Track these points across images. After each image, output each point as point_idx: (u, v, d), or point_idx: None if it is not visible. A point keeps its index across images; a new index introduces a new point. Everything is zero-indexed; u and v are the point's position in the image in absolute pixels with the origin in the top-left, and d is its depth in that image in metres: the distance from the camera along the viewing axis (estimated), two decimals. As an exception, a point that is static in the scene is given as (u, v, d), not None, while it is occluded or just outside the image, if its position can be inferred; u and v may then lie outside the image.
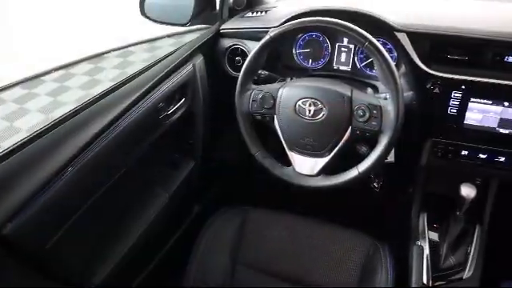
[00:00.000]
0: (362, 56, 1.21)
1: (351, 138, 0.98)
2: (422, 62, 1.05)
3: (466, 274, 1.15)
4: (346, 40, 1.21)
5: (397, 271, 1.10)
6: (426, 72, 1.05)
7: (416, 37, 1.05)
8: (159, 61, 1.15)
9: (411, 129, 1.12)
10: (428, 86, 1.05)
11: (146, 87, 1.04)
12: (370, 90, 1.04)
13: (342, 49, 1.24)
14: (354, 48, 1.21)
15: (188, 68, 1.18)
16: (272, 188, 1.28)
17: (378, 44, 0.92)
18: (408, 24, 1.07)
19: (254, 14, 1.34)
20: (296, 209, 1.29)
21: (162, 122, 1.11)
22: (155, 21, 1.34)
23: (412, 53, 1.06)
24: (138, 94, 1.01)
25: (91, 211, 0.92)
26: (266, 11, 1.33)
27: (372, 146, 0.99)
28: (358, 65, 1.22)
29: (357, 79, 1.21)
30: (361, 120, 0.95)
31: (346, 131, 0.97)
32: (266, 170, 1.07)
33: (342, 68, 1.25)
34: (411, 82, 1.08)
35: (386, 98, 0.94)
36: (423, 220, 1.25)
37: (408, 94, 1.03)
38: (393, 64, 0.91)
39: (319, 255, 1.18)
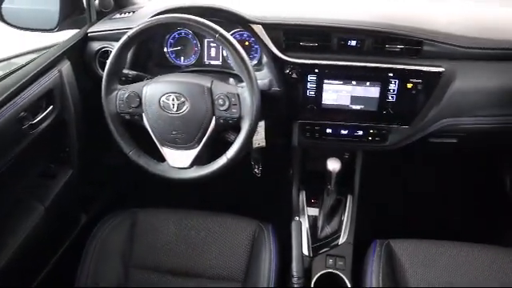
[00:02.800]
0: None
1: (217, 127, 1.02)
2: (279, 51, 1.13)
3: (341, 239, 1.27)
4: None
5: (279, 248, 1.17)
6: (282, 59, 1.13)
7: (271, 28, 1.13)
8: (19, 68, 1.10)
9: (279, 113, 1.21)
10: (286, 72, 1.13)
11: (4, 96, 0.99)
12: (231, 80, 1.09)
13: (211, 44, 1.28)
14: None
15: (53, 74, 1.15)
16: (162, 186, 1.29)
17: (228, 35, 0.97)
18: (262, 16, 1.14)
19: (122, 15, 1.33)
20: (187, 204, 1.31)
21: (28, 132, 1.06)
22: (17, 27, 1.27)
23: (269, 42, 1.13)
24: None
25: None
26: (133, 12, 1.33)
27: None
28: (227, 58, 1.27)
29: (227, 72, 1.26)
30: (222, 109, 1.00)
31: (211, 121, 1.02)
32: (142, 168, 1.08)
33: (213, 62, 1.30)
34: (273, 70, 1.16)
35: (243, 86, 1.00)
36: (302, 197, 1.35)
37: (264, 81, 1.09)
38: (243, 53, 0.97)
39: (209, 245, 1.21)
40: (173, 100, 1.01)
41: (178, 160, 1.06)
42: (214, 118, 1.01)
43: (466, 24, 1.17)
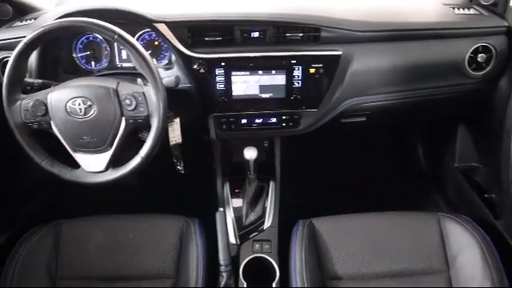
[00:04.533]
0: None
1: (128, 127, 1.03)
2: (185, 47, 1.15)
3: (266, 224, 1.32)
4: None
5: (207, 240, 1.20)
6: (189, 55, 1.15)
7: (174, 26, 1.14)
8: None
9: (194, 108, 1.23)
10: (194, 68, 1.16)
11: None
12: (139, 80, 1.09)
13: (121, 47, 1.27)
14: None
15: None
16: (90, 194, 1.27)
17: (127, 35, 0.98)
18: (165, 15, 1.15)
19: (23, 22, 1.29)
20: (116, 209, 1.30)
21: None
22: None
23: (174, 40, 1.14)
24: None
25: None
26: (35, 18, 1.29)
27: None
28: None
29: (139, 72, 1.26)
30: (130, 109, 1.01)
31: (121, 122, 1.02)
32: (57, 177, 1.06)
33: (125, 65, 1.29)
34: (182, 67, 1.17)
35: (149, 85, 1.01)
36: (227, 189, 1.38)
37: (171, 78, 1.11)
38: (143, 51, 0.98)
39: (138, 247, 1.21)
40: (79, 104, 1.00)
41: (93, 164, 1.05)
42: (123, 118, 1.02)
43: (360, 10, 1.25)
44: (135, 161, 1.04)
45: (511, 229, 1.27)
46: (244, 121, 1.26)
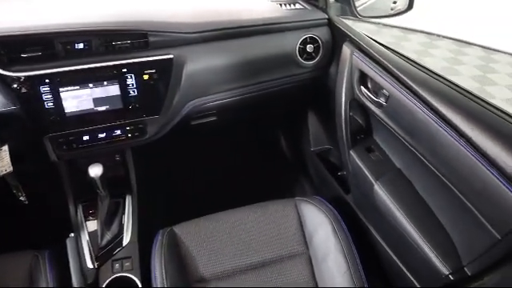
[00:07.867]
0: None
1: None
2: (0, 67, 1.04)
3: (125, 241, 1.26)
4: None
5: (59, 271, 1.11)
6: (5, 75, 1.04)
7: None
8: None
9: (24, 131, 1.12)
10: (15, 88, 1.06)
11: None
12: None
13: None
14: None
15: None
16: None
17: None
18: None
19: None
20: None
21: None
22: None
23: None
24: None
25: None
26: None
27: None
28: None
29: None
30: None
31: None
32: None
33: None
34: (0, 88, 1.06)
35: None
36: (80, 212, 1.30)
37: None
38: None
39: None
40: None
41: None
42: None
43: (189, 11, 1.26)
44: None
45: (357, 200, 1.39)
46: (86, 137, 1.18)
